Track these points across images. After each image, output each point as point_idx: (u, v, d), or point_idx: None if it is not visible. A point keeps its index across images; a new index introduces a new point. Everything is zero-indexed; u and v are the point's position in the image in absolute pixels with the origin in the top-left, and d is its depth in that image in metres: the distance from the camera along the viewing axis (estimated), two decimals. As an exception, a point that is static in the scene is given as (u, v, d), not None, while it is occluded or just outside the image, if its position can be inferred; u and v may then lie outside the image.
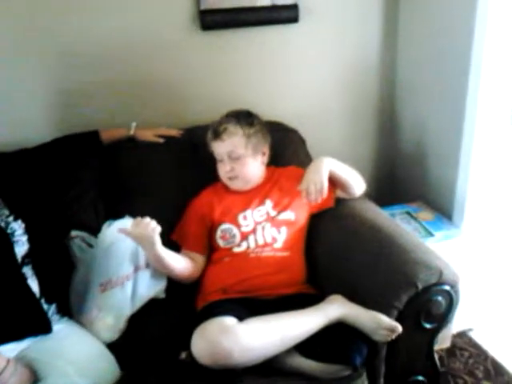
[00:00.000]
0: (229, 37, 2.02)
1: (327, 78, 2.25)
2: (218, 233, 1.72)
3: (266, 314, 1.44)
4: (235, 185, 1.76)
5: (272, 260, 1.66)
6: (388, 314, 1.43)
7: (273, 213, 1.74)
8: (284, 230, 1.71)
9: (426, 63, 2.13)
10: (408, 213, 2.13)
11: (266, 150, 1.79)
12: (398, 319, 1.43)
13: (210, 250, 1.75)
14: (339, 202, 1.81)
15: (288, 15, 2.05)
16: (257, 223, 1.71)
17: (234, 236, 1.70)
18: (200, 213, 1.76)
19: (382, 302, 1.45)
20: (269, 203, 1.75)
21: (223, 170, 1.74)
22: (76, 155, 1.74)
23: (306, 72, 2.20)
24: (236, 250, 1.69)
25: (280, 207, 1.75)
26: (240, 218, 1.72)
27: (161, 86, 2.00)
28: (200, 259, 1.72)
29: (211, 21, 1.96)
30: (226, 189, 1.79)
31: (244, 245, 1.69)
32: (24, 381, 1.33)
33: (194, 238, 1.74)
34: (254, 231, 1.70)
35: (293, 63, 2.16)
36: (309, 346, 1.40)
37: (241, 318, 1.40)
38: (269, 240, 1.69)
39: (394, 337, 1.41)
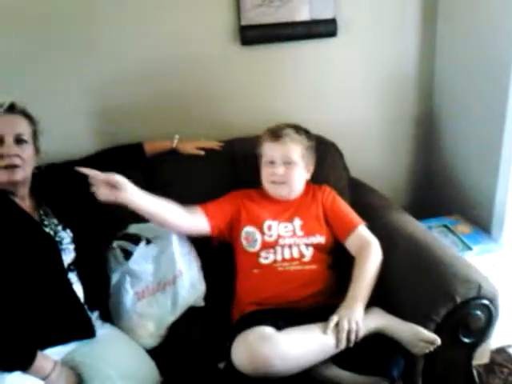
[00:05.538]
0: (268, 51, 2.06)
1: (365, 91, 2.26)
2: (243, 234, 1.71)
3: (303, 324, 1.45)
4: (280, 190, 1.74)
5: (301, 273, 1.65)
6: (425, 327, 1.43)
7: (299, 233, 1.71)
8: (311, 248, 1.70)
9: (464, 74, 2.12)
10: (445, 226, 2.11)
11: (312, 167, 1.80)
12: (435, 333, 1.42)
13: (236, 252, 1.75)
14: (377, 214, 1.82)
15: (326, 29, 2.07)
16: (280, 237, 1.69)
17: (255, 241, 1.70)
18: (236, 199, 1.77)
19: (420, 315, 1.45)
20: (297, 222, 1.73)
21: (273, 173, 1.71)
22: (120, 167, 1.76)
23: (343, 85, 2.22)
24: (263, 261, 1.68)
25: (308, 230, 1.72)
26: (265, 225, 1.71)
27: (201, 99, 2.05)
28: (202, 220, 1.69)
29: (251, 36, 2.00)
30: (261, 196, 1.78)
31: (271, 257, 1.67)
32: (69, 383, 1.39)
33: (215, 205, 1.73)
34: (276, 244, 1.68)
35: (331, 77, 2.18)
36: (346, 358, 1.41)
37: (278, 328, 1.42)
38: (296, 255, 1.67)
39: (432, 349, 1.41)
